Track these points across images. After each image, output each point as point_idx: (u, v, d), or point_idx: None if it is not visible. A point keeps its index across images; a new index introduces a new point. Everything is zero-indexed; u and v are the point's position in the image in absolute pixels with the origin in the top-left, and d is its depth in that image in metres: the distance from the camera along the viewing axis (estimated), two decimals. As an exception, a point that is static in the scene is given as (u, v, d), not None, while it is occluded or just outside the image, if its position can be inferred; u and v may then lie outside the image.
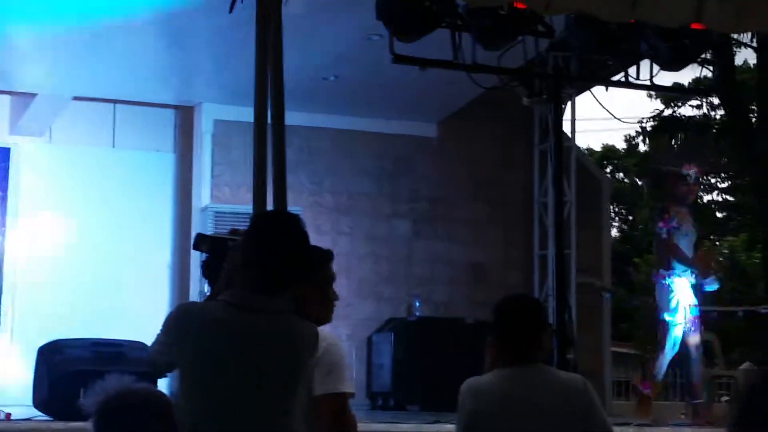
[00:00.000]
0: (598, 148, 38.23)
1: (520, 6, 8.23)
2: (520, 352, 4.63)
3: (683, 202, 10.74)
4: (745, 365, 13.65)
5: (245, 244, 3.99)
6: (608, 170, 36.53)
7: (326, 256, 4.65)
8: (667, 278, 10.46)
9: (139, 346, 8.44)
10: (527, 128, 14.02)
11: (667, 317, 10.46)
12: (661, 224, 10.82)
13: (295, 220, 4.10)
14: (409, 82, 11.11)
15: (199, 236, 4.41)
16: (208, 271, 4.29)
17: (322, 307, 4.57)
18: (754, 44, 18.41)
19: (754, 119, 20.27)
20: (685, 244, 10.59)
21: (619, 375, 21.64)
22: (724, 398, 14.68)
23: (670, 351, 10.47)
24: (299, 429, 4.22)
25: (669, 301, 10.43)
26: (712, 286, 10.53)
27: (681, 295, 10.40)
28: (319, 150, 13.40)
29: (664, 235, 10.69)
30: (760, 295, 25.02)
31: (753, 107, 21.08)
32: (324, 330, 4.35)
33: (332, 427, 4.40)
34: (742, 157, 20.96)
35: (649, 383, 10.63)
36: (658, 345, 10.58)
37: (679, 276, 10.43)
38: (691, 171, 10.67)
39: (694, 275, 10.45)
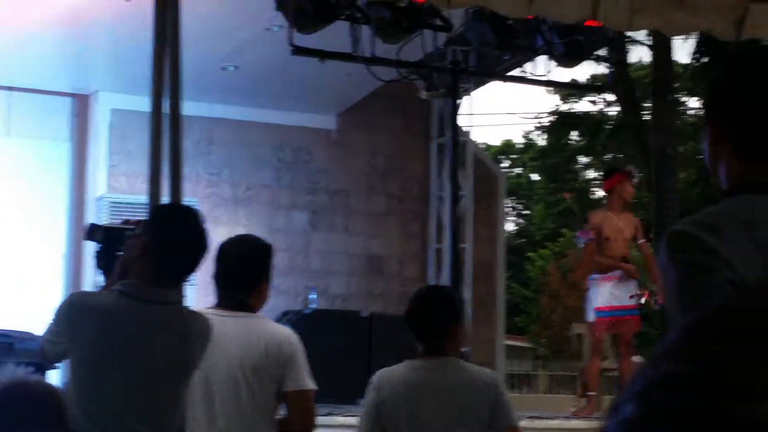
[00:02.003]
0: (498, 143, 38.62)
1: (419, 0, 8.29)
2: (431, 343, 4.67)
3: (627, 202, 10.89)
4: (636, 359, 13.87)
5: (143, 236, 3.98)
6: (506, 165, 36.89)
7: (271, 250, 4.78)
8: (593, 280, 10.63)
9: (29, 336, 8.33)
10: (426, 122, 14.11)
11: (589, 319, 10.70)
12: (580, 233, 11.01)
13: (194, 213, 4.11)
14: (309, 74, 11.11)
15: (92, 226, 4.40)
16: (102, 261, 4.27)
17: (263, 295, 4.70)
18: (649, 42, 18.71)
19: (647, 116, 20.61)
20: (614, 246, 10.69)
21: (512, 368, 21.94)
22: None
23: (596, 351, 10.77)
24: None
25: (591, 302, 10.63)
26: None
27: (605, 296, 10.56)
28: (218, 141, 13.33)
29: (581, 244, 10.91)
30: (651, 290, 25.42)
31: (647, 104, 21.44)
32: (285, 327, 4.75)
33: (300, 420, 4.56)
34: (636, 153, 21.28)
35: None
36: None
37: (604, 277, 10.57)
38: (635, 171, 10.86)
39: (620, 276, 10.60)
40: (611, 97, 25.66)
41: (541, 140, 36.26)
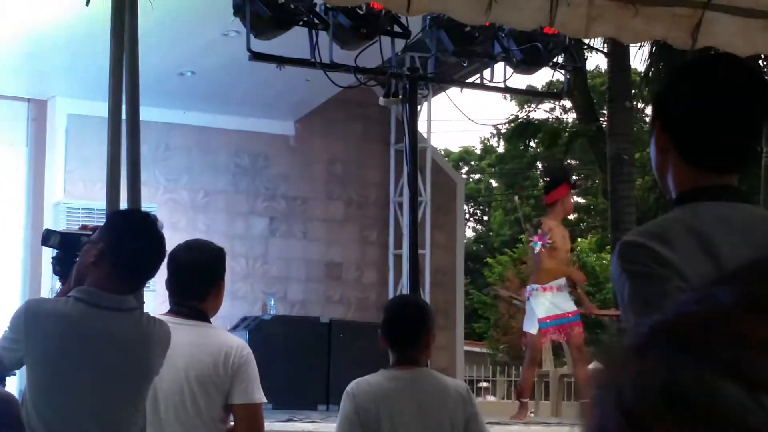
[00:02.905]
0: (456, 149, 38.72)
1: (378, 6, 8.30)
2: (406, 353, 4.67)
3: (569, 214, 10.81)
4: (593, 365, 13.94)
5: (99, 242, 3.97)
6: (464, 171, 36.98)
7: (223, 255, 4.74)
8: (534, 291, 10.61)
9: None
10: (384, 128, 14.13)
11: (528, 329, 10.68)
12: (535, 239, 10.64)
13: (151, 219, 4.11)
14: (267, 80, 11.10)
15: (47, 231, 4.40)
16: (58, 267, 4.26)
17: (218, 300, 4.68)
18: (605, 49, 18.81)
19: (605, 122, 20.72)
20: (560, 255, 10.67)
21: (472, 374, 21.97)
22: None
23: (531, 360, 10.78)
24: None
25: (532, 313, 10.60)
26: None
27: (546, 306, 10.54)
28: (176, 146, 13.30)
29: (537, 249, 10.64)
30: (608, 297, 25.58)
31: (603, 111, 21.57)
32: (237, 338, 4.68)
33: None
34: (593, 160, 21.39)
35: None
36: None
37: (545, 288, 10.56)
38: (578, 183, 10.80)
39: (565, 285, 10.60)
40: (569, 104, 25.79)
41: (500, 147, 36.37)
